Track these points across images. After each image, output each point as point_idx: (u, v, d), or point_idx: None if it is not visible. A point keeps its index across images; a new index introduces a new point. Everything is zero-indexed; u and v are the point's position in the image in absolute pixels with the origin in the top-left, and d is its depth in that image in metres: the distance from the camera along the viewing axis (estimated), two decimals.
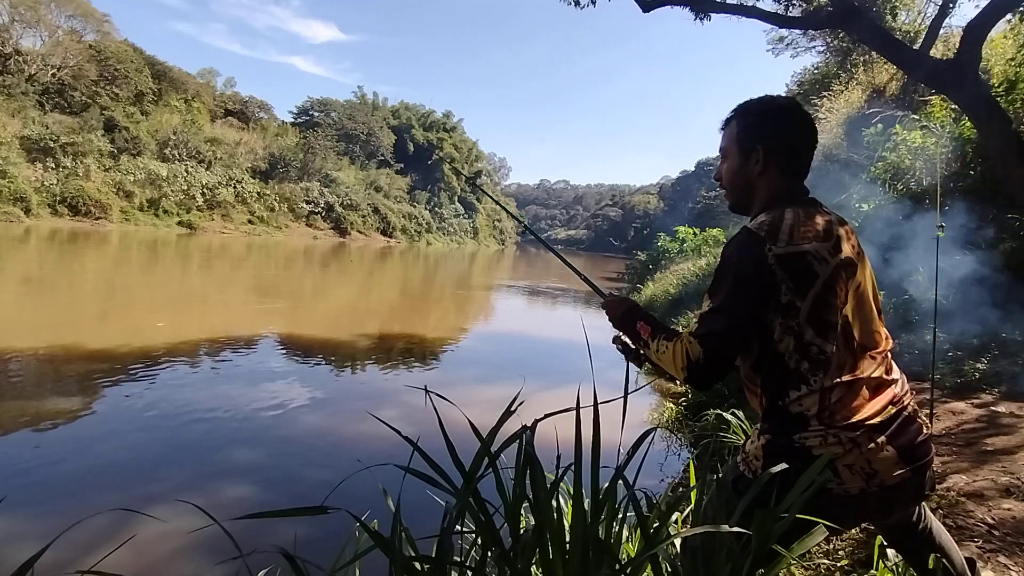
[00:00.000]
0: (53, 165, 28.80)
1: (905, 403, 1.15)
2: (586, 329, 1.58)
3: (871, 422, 1.09)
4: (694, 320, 1.18)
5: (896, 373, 1.19)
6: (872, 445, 1.08)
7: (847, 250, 1.13)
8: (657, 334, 1.24)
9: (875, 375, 1.13)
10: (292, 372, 6.16)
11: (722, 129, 1.30)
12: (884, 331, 1.21)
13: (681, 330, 1.23)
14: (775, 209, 1.15)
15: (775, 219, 1.13)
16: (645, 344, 1.28)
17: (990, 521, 2.07)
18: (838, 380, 1.10)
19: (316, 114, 55.77)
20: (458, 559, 1.25)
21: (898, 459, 1.09)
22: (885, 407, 1.11)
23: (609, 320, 1.43)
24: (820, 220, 1.14)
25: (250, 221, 38.07)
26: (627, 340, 1.39)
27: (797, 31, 16.31)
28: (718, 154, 1.32)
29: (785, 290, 1.08)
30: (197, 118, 40.97)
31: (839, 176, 9.13)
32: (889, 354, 1.20)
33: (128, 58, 36.88)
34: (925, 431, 1.16)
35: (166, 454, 3.82)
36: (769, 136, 1.21)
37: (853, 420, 1.09)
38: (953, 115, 6.59)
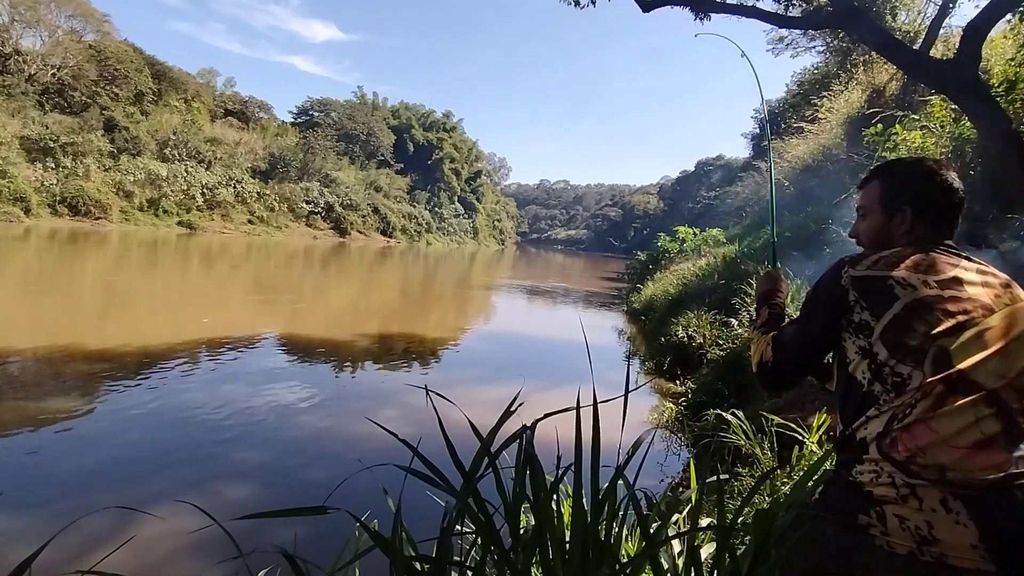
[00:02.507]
0: (53, 165, 28.78)
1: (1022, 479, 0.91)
2: (585, 329, 1.59)
3: (949, 475, 0.91)
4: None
5: None
6: (937, 507, 0.90)
7: (978, 292, 1.05)
8: (764, 326, 1.32)
9: (981, 426, 0.93)
10: (293, 372, 6.16)
11: (860, 188, 1.31)
12: None
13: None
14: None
15: (875, 252, 1.14)
16: (754, 326, 1.37)
17: None
18: (914, 406, 0.96)
19: (316, 114, 55.76)
20: (458, 559, 1.25)
21: (979, 541, 0.87)
22: (982, 467, 0.91)
23: (758, 285, 1.52)
24: (929, 258, 1.09)
25: (250, 221, 38.05)
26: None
27: (797, 31, 16.34)
28: (856, 213, 1.31)
29: (859, 309, 1.08)
30: (197, 118, 40.95)
31: (839, 176, 9.14)
32: None
33: (128, 58, 36.86)
34: None
35: (167, 453, 3.82)
36: (917, 197, 1.20)
37: (920, 460, 0.93)
38: (953, 115, 6.58)
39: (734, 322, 6.61)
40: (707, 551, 1.44)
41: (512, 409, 1.21)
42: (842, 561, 0.97)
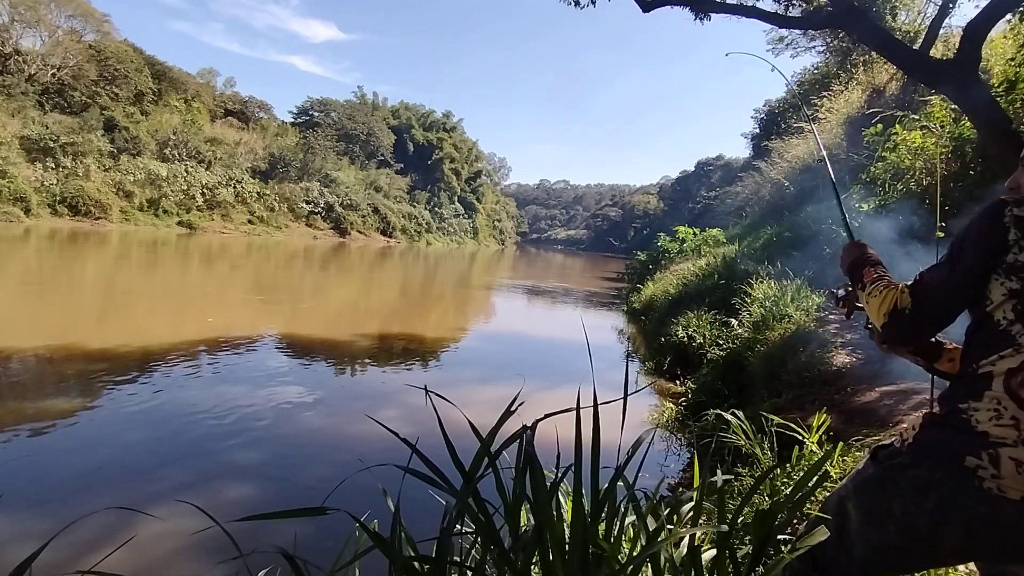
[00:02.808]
0: (53, 165, 28.78)
1: None
2: (586, 329, 1.58)
3: None
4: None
5: None
6: None
7: None
8: (878, 281, 1.20)
9: None
10: (293, 372, 6.16)
11: None
12: None
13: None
14: None
15: None
16: (862, 287, 1.23)
17: None
18: None
19: (316, 114, 55.74)
20: (458, 559, 1.25)
21: None
22: None
23: (840, 262, 1.36)
24: None
25: (250, 221, 38.05)
26: (845, 291, 1.36)
27: (797, 31, 16.34)
28: (1021, 164, 1.15)
29: (1017, 250, 0.98)
30: (197, 118, 40.94)
31: (839, 176, 9.13)
32: None
33: (128, 58, 36.85)
34: None
35: (167, 454, 3.82)
36: None
37: None
38: (953, 115, 6.58)
39: (734, 322, 6.61)
40: (707, 551, 1.44)
41: (512, 409, 1.21)
42: (943, 505, 0.93)
